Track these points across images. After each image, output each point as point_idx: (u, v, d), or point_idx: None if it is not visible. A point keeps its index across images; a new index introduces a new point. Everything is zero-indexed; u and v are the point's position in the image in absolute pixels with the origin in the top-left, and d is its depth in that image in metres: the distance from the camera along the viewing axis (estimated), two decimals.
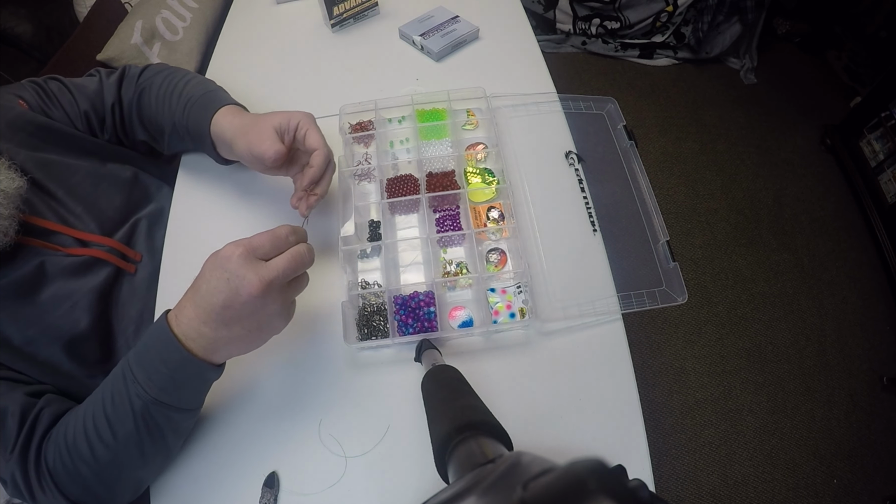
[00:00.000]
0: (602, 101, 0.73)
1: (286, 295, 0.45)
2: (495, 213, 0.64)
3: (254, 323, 0.43)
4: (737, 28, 1.91)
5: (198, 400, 0.49)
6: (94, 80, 0.68)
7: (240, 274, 0.41)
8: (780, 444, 1.28)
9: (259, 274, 0.41)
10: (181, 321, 0.43)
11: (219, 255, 0.42)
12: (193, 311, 0.42)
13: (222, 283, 0.41)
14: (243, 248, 0.42)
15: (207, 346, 0.43)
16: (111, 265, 0.61)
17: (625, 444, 0.51)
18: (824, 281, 1.54)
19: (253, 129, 0.56)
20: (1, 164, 0.52)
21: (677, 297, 0.57)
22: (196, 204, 0.69)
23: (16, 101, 0.60)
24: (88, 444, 0.45)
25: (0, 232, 0.50)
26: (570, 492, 0.17)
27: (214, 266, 0.42)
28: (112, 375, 0.46)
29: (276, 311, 0.44)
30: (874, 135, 1.59)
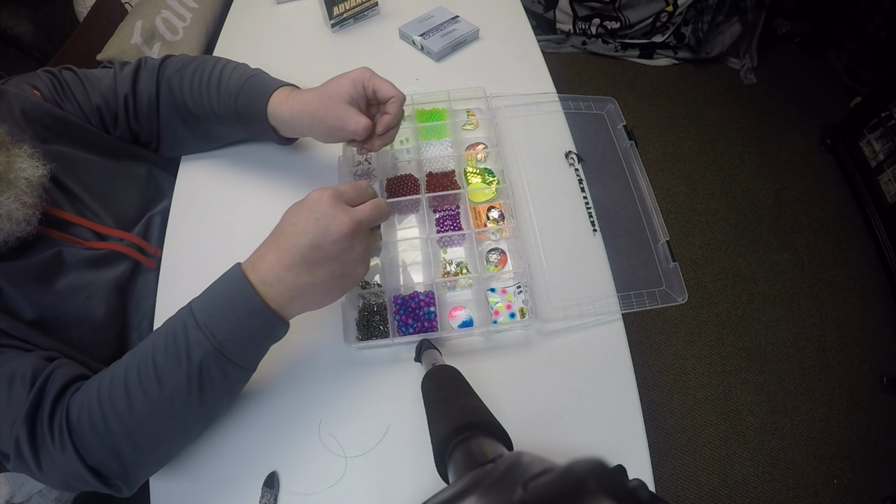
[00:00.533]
0: (602, 101, 0.73)
1: (368, 242, 0.45)
2: (495, 213, 0.64)
3: (338, 267, 0.43)
4: (737, 28, 1.91)
5: (257, 359, 0.47)
6: (109, 72, 0.66)
7: (330, 213, 0.41)
8: (780, 444, 1.28)
9: (349, 214, 0.42)
10: (259, 267, 0.42)
11: (305, 200, 0.43)
12: (275, 254, 0.42)
13: (311, 224, 0.41)
14: (332, 192, 0.42)
15: (285, 293, 0.42)
16: (130, 259, 0.62)
17: (625, 444, 0.51)
18: (824, 281, 1.54)
19: (326, 113, 0.55)
20: (23, 152, 0.52)
21: (677, 297, 0.57)
22: (196, 203, 0.69)
23: (30, 91, 0.59)
24: (127, 396, 0.42)
25: (24, 220, 0.50)
26: (570, 492, 0.17)
27: (301, 209, 0.43)
28: (165, 325, 0.44)
29: (359, 257, 0.44)
30: (874, 135, 1.59)
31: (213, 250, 0.64)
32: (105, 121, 0.65)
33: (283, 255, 0.42)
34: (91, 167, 0.62)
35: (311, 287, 0.43)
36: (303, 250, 0.41)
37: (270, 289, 0.42)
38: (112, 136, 0.66)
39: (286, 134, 0.63)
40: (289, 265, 0.42)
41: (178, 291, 0.45)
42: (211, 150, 0.72)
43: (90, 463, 0.43)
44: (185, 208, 0.68)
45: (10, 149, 0.51)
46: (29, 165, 0.51)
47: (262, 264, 0.42)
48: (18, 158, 0.51)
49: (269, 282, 0.42)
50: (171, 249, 0.65)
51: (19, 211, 0.49)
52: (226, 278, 0.44)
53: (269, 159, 0.72)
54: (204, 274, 0.46)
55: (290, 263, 0.42)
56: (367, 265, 0.46)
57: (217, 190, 0.70)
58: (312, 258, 0.42)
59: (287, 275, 0.42)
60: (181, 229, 0.67)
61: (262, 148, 0.72)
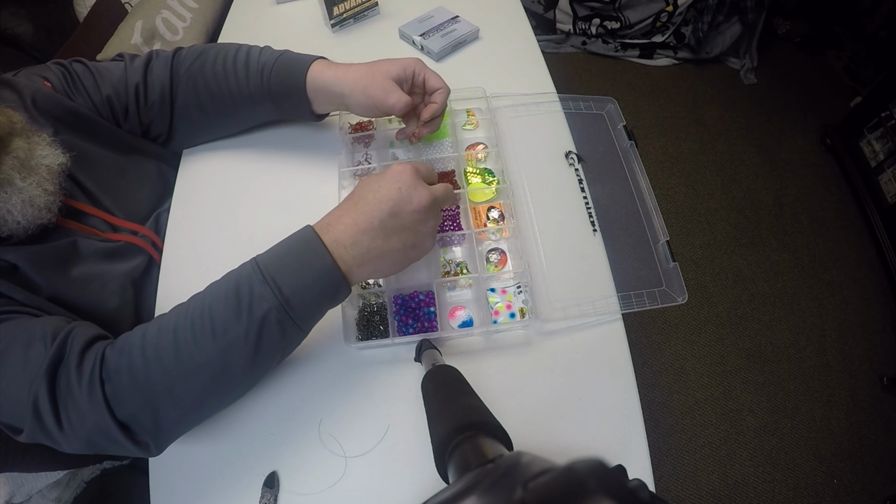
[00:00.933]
0: (602, 101, 0.73)
1: (438, 218, 0.48)
2: (495, 213, 0.64)
3: (411, 237, 0.45)
4: (737, 28, 1.91)
5: (314, 321, 0.47)
6: (119, 64, 0.65)
7: (412, 184, 0.44)
8: (780, 445, 1.28)
9: (428, 189, 0.45)
10: (335, 229, 0.43)
11: (388, 171, 0.45)
12: (353, 218, 0.43)
13: (394, 192, 0.43)
14: (412, 166, 0.45)
15: (357, 256, 0.43)
16: (145, 253, 0.62)
17: (625, 444, 0.51)
18: (824, 281, 1.54)
19: (372, 82, 0.57)
20: (42, 139, 0.52)
21: (677, 298, 0.57)
22: (197, 200, 0.69)
23: (41, 83, 0.59)
24: (176, 346, 0.41)
25: (45, 207, 0.50)
26: (570, 492, 0.17)
27: (382, 178, 0.45)
28: (226, 278, 0.43)
29: (431, 230, 0.47)
30: (874, 135, 1.59)
31: (213, 247, 0.64)
32: (115, 112, 0.64)
33: (361, 219, 0.43)
34: (101, 161, 0.62)
35: (382, 253, 0.44)
36: (382, 216, 0.43)
37: (344, 250, 0.43)
38: (122, 128, 0.65)
39: (320, 106, 0.63)
40: (365, 229, 0.43)
41: (177, 289, 0.45)
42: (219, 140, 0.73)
43: (120, 417, 0.41)
44: (186, 205, 0.69)
45: (30, 136, 0.51)
46: (49, 153, 0.52)
47: (338, 226, 0.43)
48: (38, 146, 0.51)
49: (343, 243, 0.43)
50: (172, 246, 0.65)
51: (41, 197, 0.50)
52: (297, 236, 0.44)
53: (268, 158, 0.72)
54: (204, 271, 0.46)
55: (366, 227, 0.43)
56: (435, 239, 0.49)
57: (217, 187, 0.70)
58: (390, 225, 0.43)
59: (363, 238, 0.43)
60: (182, 227, 0.67)
61: (262, 146, 0.72)
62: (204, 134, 0.71)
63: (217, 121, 0.68)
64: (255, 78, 0.62)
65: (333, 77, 0.59)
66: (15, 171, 0.48)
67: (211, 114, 0.66)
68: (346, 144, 0.69)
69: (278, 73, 0.61)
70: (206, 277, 0.45)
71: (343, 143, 0.69)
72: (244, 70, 0.62)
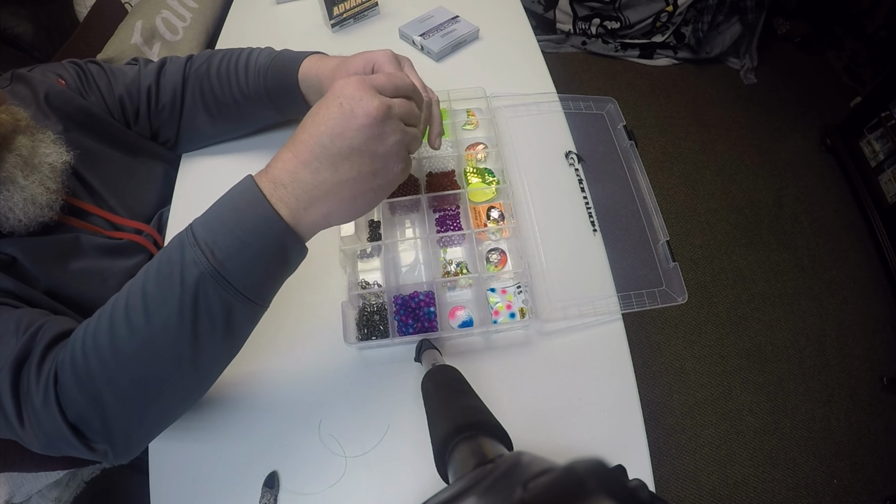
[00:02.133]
0: (602, 101, 0.73)
1: (405, 135, 0.38)
2: (495, 213, 0.64)
3: (367, 161, 0.36)
4: (737, 28, 1.91)
5: (266, 290, 0.39)
6: (134, 67, 0.67)
7: (356, 95, 0.35)
8: (779, 444, 1.28)
9: (379, 99, 0.35)
10: (272, 167, 0.36)
11: (331, 90, 0.36)
12: (291, 150, 0.36)
13: (334, 108, 0.35)
14: (359, 79, 0.36)
15: (302, 196, 0.35)
16: (147, 252, 0.62)
17: (625, 444, 0.51)
18: (824, 281, 1.54)
19: (340, 73, 0.54)
20: (47, 136, 0.52)
21: (677, 298, 0.57)
22: (197, 203, 0.69)
23: (55, 79, 0.60)
24: (111, 331, 0.36)
25: (47, 206, 0.50)
26: (569, 492, 0.17)
27: (324, 99, 0.36)
28: (162, 249, 0.38)
29: (393, 149, 0.37)
30: (874, 135, 1.59)
31: None
32: (127, 113, 0.65)
33: (301, 149, 0.35)
34: (109, 161, 0.62)
35: (334, 187, 0.36)
36: (322, 140, 0.35)
37: (284, 190, 0.35)
38: (132, 130, 0.66)
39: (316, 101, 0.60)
40: (307, 160, 0.35)
41: None
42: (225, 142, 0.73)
43: (70, 418, 0.37)
44: (186, 205, 0.69)
45: (34, 133, 0.51)
46: (53, 151, 0.52)
47: (275, 164, 0.36)
48: (42, 144, 0.51)
49: (282, 182, 0.35)
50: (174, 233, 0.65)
51: (43, 196, 0.50)
52: (234, 188, 0.37)
53: (269, 158, 0.72)
54: None
55: (308, 158, 0.35)
56: (404, 161, 0.38)
57: (217, 186, 0.69)
58: (335, 149, 0.35)
59: (304, 172, 0.35)
60: (182, 226, 0.67)
61: (262, 147, 0.72)
62: (209, 137, 0.72)
63: (222, 123, 0.68)
64: (254, 78, 0.62)
65: (316, 70, 0.57)
66: (17, 170, 0.48)
67: (216, 116, 0.67)
68: None
69: (274, 70, 0.60)
70: None
71: None
72: (244, 71, 0.62)
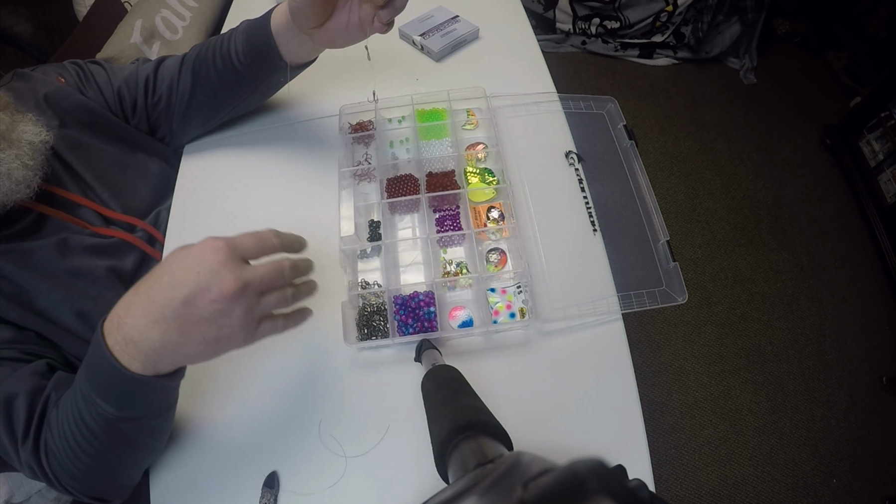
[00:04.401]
0: (602, 101, 0.73)
1: (258, 307, 0.39)
2: (495, 213, 0.64)
3: (213, 331, 0.37)
4: (736, 28, 1.91)
5: (166, 402, 0.45)
6: (133, 65, 0.69)
7: (214, 269, 0.35)
8: (779, 444, 1.28)
9: (236, 275, 0.36)
10: (125, 322, 0.37)
11: (192, 248, 0.37)
12: (144, 307, 0.36)
13: (190, 276, 0.35)
14: (224, 243, 0.37)
15: (150, 353, 0.37)
16: (138, 251, 0.62)
17: (625, 444, 0.51)
18: (824, 281, 1.54)
19: None
20: (27, 118, 0.53)
21: (677, 297, 0.57)
22: (198, 201, 0.69)
23: (55, 77, 0.61)
24: (73, 454, 0.43)
25: (23, 182, 0.50)
26: (570, 492, 0.17)
27: (184, 257, 0.36)
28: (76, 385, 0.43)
29: (240, 322, 0.37)
30: (874, 135, 1.59)
31: None
32: (125, 105, 0.66)
33: (152, 309, 0.36)
34: (105, 156, 0.63)
35: (181, 346, 0.37)
36: (174, 305, 0.35)
37: (135, 347, 0.37)
38: (130, 124, 0.67)
39: (291, 52, 0.59)
40: (157, 320, 0.36)
41: None
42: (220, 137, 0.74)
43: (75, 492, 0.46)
44: (187, 204, 0.69)
45: (13, 113, 0.52)
46: (32, 129, 0.52)
47: (127, 318, 0.37)
48: (21, 122, 0.52)
49: (133, 339, 0.37)
50: (172, 245, 0.65)
51: (19, 171, 0.50)
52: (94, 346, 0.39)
53: (269, 158, 0.72)
54: None
55: (158, 318, 0.36)
56: (250, 333, 0.39)
57: (218, 185, 0.70)
58: (185, 316, 0.36)
59: (153, 332, 0.36)
60: (182, 225, 0.67)
61: (263, 146, 0.72)
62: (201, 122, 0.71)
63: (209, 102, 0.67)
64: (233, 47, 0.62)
65: (280, 10, 0.57)
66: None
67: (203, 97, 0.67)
68: (345, 144, 0.69)
69: (249, 31, 0.61)
70: None
71: (343, 142, 0.69)
72: (227, 45, 0.63)
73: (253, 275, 0.37)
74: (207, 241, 0.37)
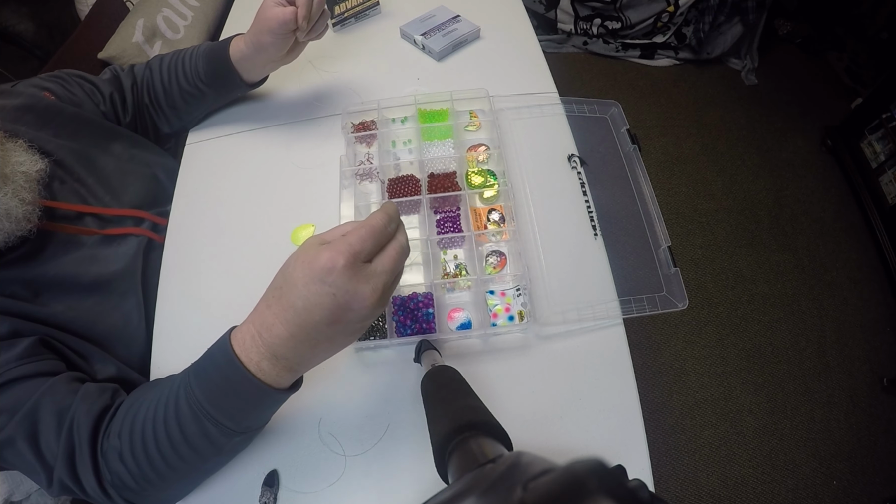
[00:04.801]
0: (606, 105, 0.72)
1: (386, 303, 0.40)
2: (496, 215, 0.64)
3: (360, 329, 0.39)
4: (738, 29, 1.91)
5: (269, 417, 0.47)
6: (108, 73, 0.72)
7: (349, 289, 0.35)
8: (779, 445, 1.28)
9: (371, 284, 0.36)
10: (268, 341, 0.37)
11: (315, 266, 0.35)
12: (286, 328, 0.36)
13: (326, 299, 0.35)
14: (346, 258, 0.34)
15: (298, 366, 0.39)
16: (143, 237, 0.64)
17: (625, 444, 0.51)
18: (825, 282, 1.54)
19: (262, 20, 0.61)
20: (19, 146, 0.51)
21: (678, 303, 0.57)
22: (199, 201, 0.69)
23: (41, 94, 0.60)
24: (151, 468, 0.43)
25: (24, 218, 0.49)
26: (570, 492, 0.17)
27: (311, 278, 0.35)
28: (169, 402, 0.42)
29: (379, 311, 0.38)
30: (875, 136, 1.59)
31: (214, 248, 0.64)
32: (116, 107, 0.69)
33: (296, 332, 0.37)
34: (106, 162, 0.64)
35: (329, 353, 0.40)
36: (320, 327, 0.36)
37: (285, 362, 0.38)
38: (123, 122, 0.70)
39: (249, 73, 0.69)
40: (304, 340, 0.37)
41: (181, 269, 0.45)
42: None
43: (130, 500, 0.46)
44: (188, 203, 0.69)
45: (4, 143, 0.50)
46: (26, 159, 0.50)
47: (271, 338, 0.37)
48: (14, 153, 0.50)
49: (281, 355, 0.38)
50: (173, 245, 0.65)
51: (18, 208, 0.48)
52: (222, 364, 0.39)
53: (271, 157, 0.72)
54: (205, 269, 0.46)
55: (305, 339, 0.37)
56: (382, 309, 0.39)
57: (220, 185, 0.70)
58: (332, 332, 0.37)
59: (303, 349, 0.38)
60: (183, 224, 0.67)
61: (265, 145, 0.73)
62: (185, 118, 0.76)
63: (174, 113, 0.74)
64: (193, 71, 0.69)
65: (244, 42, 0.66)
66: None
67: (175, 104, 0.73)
68: (348, 144, 0.69)
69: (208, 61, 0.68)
70: (207, 275, 0.45)
71: (345, 142, 0.69)
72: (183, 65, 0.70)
73: (386, 276, 0.37)
74: (325, 255, 0.35)
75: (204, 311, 0.59)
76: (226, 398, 0.40)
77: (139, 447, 0.43)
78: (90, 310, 0.55)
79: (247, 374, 0.38)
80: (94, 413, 0.46)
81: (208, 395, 0.40)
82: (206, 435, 0.41)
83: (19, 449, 0.45)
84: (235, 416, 0.41)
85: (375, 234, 0.37)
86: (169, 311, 0.60)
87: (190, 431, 0.41)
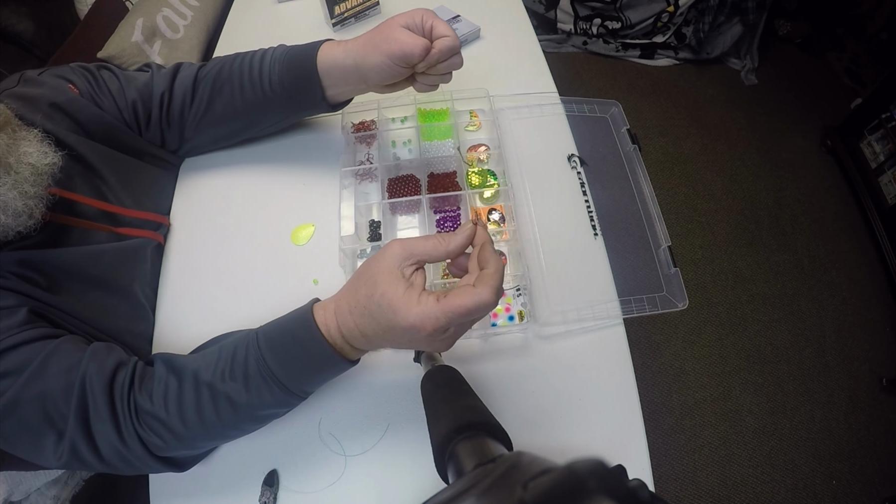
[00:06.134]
0: (606, 105, 0.73)
1: None
2: (496, 215, 0.64)
3: None
4: (738, 29, 1.91)
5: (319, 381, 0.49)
6: (146, 73, 0.65)
7: (427, 341, 0.39)
8: (779, 445, 1.28)
9: (447, 341, 0.39)
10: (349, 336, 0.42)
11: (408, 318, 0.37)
12: (365, 339, 0.41)
13: (404, 339, 0.39)
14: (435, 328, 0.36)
15: (374, 345, 0.42)
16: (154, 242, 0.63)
17: (625, 444, 0.51)
18: (824, 282, 1.54)
19: (382, 38, 0.52)
20: (33, 135, 0.47)
21: (678, 303, 0.57)
22: (199, 199, 0.69)
23: (66, 86, 0.58)
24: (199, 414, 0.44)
25: (24, 213, 0.45)
26: (570, 492, 0.17)
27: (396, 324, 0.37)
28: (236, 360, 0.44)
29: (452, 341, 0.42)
30: (874, 136, 1.59)
31: (214, 250, 0.64)
32: (139, 118, 0.63)
33: (374, 341, 0.41)
34: (120, 165, 0.61)
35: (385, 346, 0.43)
36: (395, 336, 0.39)
37: (365, 341, 0.42)
38: (143, 137, 0.64)
39: (335, 89, 0.59)
40: (383, 338, 0.41)
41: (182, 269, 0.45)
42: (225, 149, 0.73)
43: (161, 455, 0.46)
44: (188, 203, 0.69)
45: (16, 130, 0.46)
46: (36, 150, 0.46)
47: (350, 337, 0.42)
48: (24, 141, 0.46)
49: (364, 334, 0.41)
50: (173, 246, 0.65)
51: (17, 202, 0.44)
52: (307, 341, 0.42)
53: (271, 156, 0.72)
54: (206, 268, 0.46)
55: (381, 341, 0.41)
56: None
57: (220, 184, 0.70)
58: (408, 340, 0.40)
59: (381, 342, 0.42)
60: (183, 223, 0.67)
61: (265, 145, 0.73)
62: (214, 141, 0.70)
63: (227, 127, 0.66)
64: (267, 75, 0.59)
65: (343, 50, 0.55)
66: None
67: (220, 119, 0.65)
68: (348, 144, 0.69)
69: (289, 62, 0.58)
70: (207, 274, 0.45)
71: (346, 142, 0.69)
72: (258, 68, 0.60)
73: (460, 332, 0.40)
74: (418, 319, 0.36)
75: (204, 310, 0.59)
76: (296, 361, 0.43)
77: (190, 406, 0.44)
78: (96, 303, 0.54)
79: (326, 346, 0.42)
80: (109, 368, 0.44)
81: (286, 366, 0.43)
82: (269, 396, 0.43)
83: (24, 413, 0.42)
84: (309, 383, 0.45)
85: (473, 315, 0.37)
86: (169, 311, 0.60)
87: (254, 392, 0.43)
